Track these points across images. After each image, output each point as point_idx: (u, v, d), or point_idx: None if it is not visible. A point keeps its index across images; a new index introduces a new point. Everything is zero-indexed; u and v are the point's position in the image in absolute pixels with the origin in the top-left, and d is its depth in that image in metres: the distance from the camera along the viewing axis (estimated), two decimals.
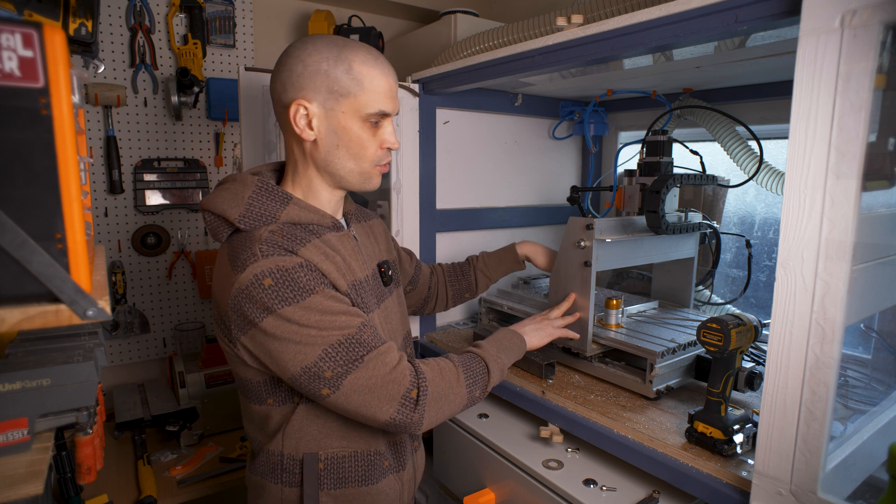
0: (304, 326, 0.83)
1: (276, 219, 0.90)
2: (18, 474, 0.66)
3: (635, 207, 1.42)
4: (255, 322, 0.84)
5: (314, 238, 0.92)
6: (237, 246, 0.88)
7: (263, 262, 0.83)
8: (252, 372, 0.93)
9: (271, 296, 0.82)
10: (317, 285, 0.85)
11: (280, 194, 0.93)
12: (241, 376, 0.96)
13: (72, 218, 0.53)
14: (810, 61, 0.72)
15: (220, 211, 0.90)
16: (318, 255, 0.89)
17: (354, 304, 0.93)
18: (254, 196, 0.91)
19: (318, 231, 0.94)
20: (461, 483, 1.35)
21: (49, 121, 0.50)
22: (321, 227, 0.95)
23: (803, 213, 0.74)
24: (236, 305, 0.84)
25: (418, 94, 1.58)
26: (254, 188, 0.92)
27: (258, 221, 0.90)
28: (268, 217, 0.90)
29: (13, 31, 0.48)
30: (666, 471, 0.97)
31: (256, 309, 0.83)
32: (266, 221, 0.90)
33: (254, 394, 0.96)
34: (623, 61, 1.20)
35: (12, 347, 0.84)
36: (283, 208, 0.91)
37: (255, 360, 0.89)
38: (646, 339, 1.22)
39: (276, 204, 0.91)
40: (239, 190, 0.91)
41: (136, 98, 1.89)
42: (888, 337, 1.17)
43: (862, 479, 0.92)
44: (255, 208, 0.90)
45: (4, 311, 0.51)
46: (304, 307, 0.83)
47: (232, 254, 0.88)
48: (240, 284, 0.83)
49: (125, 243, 1.93)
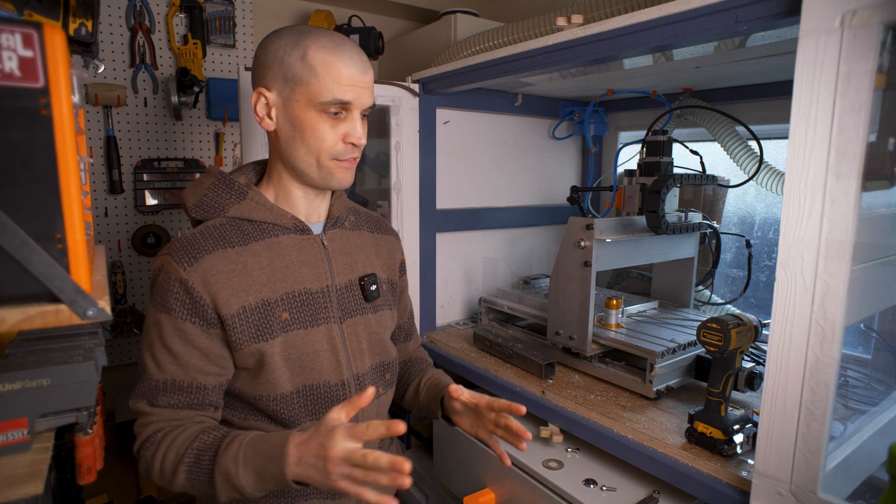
0: (146, 330, 0.87)
1: (224, 213, 0.90)
2: (18, 474, 0.66)
3: (635, 207, 1.42)
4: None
5: (254, 241, 0.88)
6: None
7: (165, 259, 0.85)
8: None
9: (154, 288, 0.87)
10: (175, 309, 0.83)
11: (237, 189, 0.90)
12: None
13: (72, 218, 0.53)
14: (810, 61, 0.72)
15: (184, 198, 0.93)
16: (215, 270, 0.84)
17: (230, 328, 0.84)
18: (210, 187, 0.91)
19: (272, 231, 0.90)
20: (461, 483, 1.35)
21: (49, 121, 0.50)
22: (277, 227, 0.91)
23: (803, 213, 0.74)
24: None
25: (418, 94, 1.58)
26: (213, 180, 0.92)
27: (207, 213, 0.90)
28: (215, 209, 0.90)
29: (13, 31, 0.48)
30: (666, 471, 0.97)
31: (151, 290, 0.89)
32: (214, 213, 0.90)
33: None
34: (623, 61, 1.20)
35: (12, 347, 0.84)
36: (235, 203, 0.90)
37: None
38: (646, 339, 1.22)
39: (228, 198, 0.90)
40: (203, 181, 0.93)
41: (136, 98, 1.89)
42: (888, 337, 1.17)
43: (862, 479, 0.92)
44: (207, 200, 0.91)
45: (4, 311, 0.51)
46: (156, 319, 0.85)
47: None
48: (154, 265, 0.89)
49: (125, 243, 1.93)
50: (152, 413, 0.84)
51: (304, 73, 0.84)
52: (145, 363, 0.85)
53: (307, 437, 0.73)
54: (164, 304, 0.84)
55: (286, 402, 0.88)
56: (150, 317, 0.86)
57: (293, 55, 0.84)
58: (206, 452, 0.79)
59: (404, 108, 1.55)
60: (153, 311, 0.85)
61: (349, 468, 0.69)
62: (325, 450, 0.70)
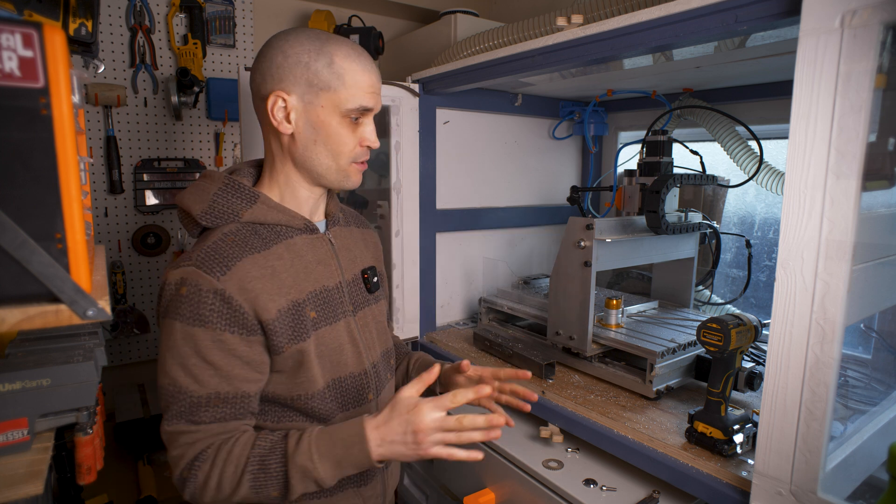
0: (174, 347, 0.82)
1: (239, 217, 0.89)
2: (18, 474, 0.66)
3: (635, 207, 1.42)
4: (160, 316, 0.85)
5: (274, 244, 0.89)
6: (196, 243, 0.89)
7: (189, 271, 0.82)
8: None
9: (176, 302, 0.82)
10: (212, 320, 0.81)
11: (248, 193, 0.90)
12: None
13: (72, 218, 0.53)
14: (810, 61, 0.72)
15: (187, 206, 0.89)
16: (250, 276, 0.84)
17: (271, 333, 0.84)
18: (219, 193, 0.89)
19: (286, 233, 0.91)
20: (461, 483, 1.35)
21: (49, 121, 0.50)
22: (290, 228, 0.92)
23: (803, 213, 0.74)
24: (158, 294, 0.86)
25: (418, 94, 1.58)
26: (220, 185, 0.90)
27: (220, 219, 0.88)
28: (230, 215, 0.89)
29: (13, 31, 0.48)
30: (666, 471, 0.97)
31: (164, 306, 0.84)
32: (227, 219, 0.88)
33: None
34: (623, 61, 1.20)
35: (12, 347, 0.84)
36: (248, 207, 0.89)
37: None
38: (646, 339, 1.22)
39: (241, 202, 0.89)
40: (206, 186, 0.90)
41: (136, 98, 1.89)
42: (888, 337, 1.17)
43: (862, 479, 0.92)
44: (218, 206, 0.88)
45: (4, 311, 0.51)
46: (187, 333, 0.81)
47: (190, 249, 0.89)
48: (166, 278, 0.84)
49: (125, 243, 1.93)
50: (196, 430, 0.82)
51: (331, 80, 0.86)
52: (178, 382, 0.81)
53: (385, 419, 0.81)
54: (197, 318, 0.81)
55: (321, 397, 0.91)
56: (177, 333, 0.81)
57: (319, 62, 0.86)
58: (270, 457, 0.81)
59: (404, 108, 1.55)
60: (181, 326, 0.81)
61: (441, 434, 0.79)
62: (413, 424, 0.79)
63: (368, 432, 0.80)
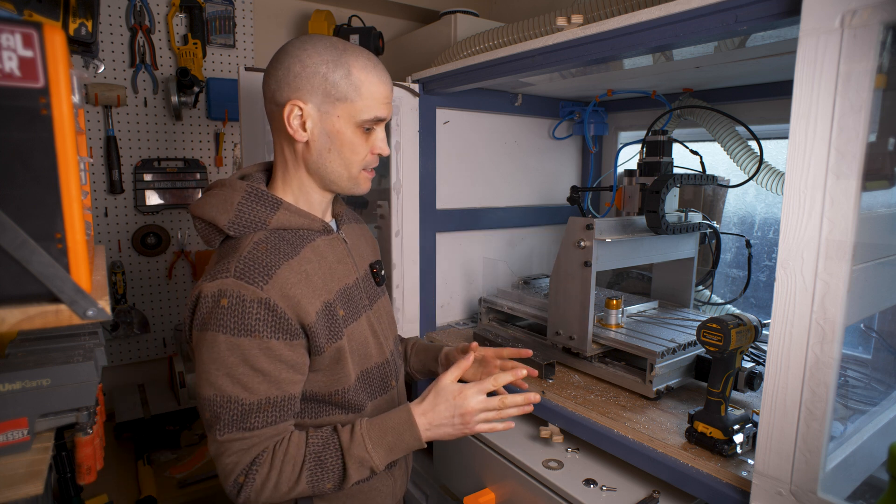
0: (219, 359, 0.82)
1: (266, 225, 0.89)
2: (18, 474, 0.66)
3: (635, 207, 1.42)
4: (196, 329, 0.84)
5: (301, 248, 0.90)
6: (224, 253, 0.88)
7: (229, 282, 0.82)
8: None
9: (217, 314, 0.81)
10: (259, 329, 0.82)
11: (270, 199, 0.91)
12: None
13: (72, 218, 0.53)
14: (810, 61, 0.72)
15: (210, 217, 0.89)
16: (289, 282, 0.85)
17: (313, 335, 0.87)
18: (243, 202, 0.89)
19: (309, 236, 0.93)
20: (461, 483, 1.35)
21: (49, 121, 0.50)
22: (312, 231, 0.94)
23: (803, 213, 0.74)
24: (192, 307, 0.85)
25: (418, 94, 1.58)
26: (243, 193, 0.90)
27: (248, 228, 0.89)
28: (258, 223, 0.89)
29: (13, 31, 0.48)
30: (666, 471, 0.97)
31: (201, 319, 0.83)
32: (256, 227, 0.89)
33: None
34: (623, 61, 1.20)
35: (12, 347, 0.84)
36: (273, 214, 0.90)
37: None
38: (646, 339, 1.22)
39: (266, 210, 0.90)
40: (228, 195, 0.90)
41: (136, 98, 1.89)
42: (888, 337, 1.17)
43: (862, 479, 0.92)
44: (245, 214, 0.89)
45: (4, 311, 0.51)
46: (233, 344, 0.81)
47: (217, 259, 0.88)
48: (202, 291, 0.83)
49: (125, 243, 1.93)
50: (251, 436, 0.84)
51: (349, 92, 0.88)
52: (227, 391, 0.82)
53: (430, 404, 0.90)
54: (243, 328, 0.81)
55: (354, 390, 0.95)
56: (221, 344, 0.81)
57: (337, 73, 0.87)
58: (325, 452, 0.86)
59: (404, 108, 1.55)
60: (225, 338, 0.81)
61: (484, 414, 0.90)
62: (461, 408, 0.89)
63: (417, 418, 0.89)
